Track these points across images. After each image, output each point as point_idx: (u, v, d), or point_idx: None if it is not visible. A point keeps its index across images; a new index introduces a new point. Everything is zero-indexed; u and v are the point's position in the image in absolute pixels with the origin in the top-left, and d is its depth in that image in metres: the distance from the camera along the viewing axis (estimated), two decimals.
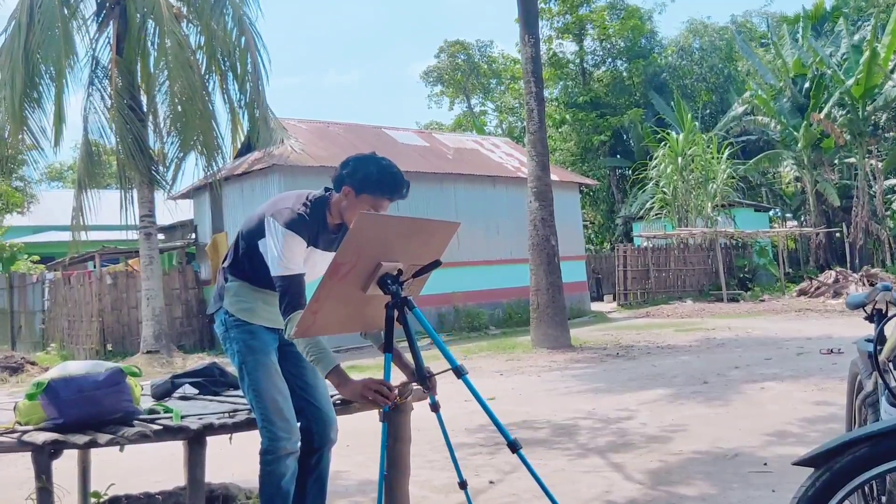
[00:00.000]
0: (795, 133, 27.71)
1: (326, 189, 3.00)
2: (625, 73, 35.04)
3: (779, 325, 14.00)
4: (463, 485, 2.96)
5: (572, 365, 10.31)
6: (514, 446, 2.60)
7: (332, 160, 16.21)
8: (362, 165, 2.89)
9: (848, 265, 25.87)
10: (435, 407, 2.81)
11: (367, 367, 11.69)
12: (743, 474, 4.31)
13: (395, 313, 2.65)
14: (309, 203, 2.95)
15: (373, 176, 2.86)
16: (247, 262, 3.02)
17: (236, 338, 2.99)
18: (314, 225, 2.91)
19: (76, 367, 2.94)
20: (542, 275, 12.44)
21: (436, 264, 2.83)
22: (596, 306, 22.37)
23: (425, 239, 2.81)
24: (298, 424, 2.99)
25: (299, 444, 2.97)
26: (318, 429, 3.08)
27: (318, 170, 15.68)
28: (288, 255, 2.82)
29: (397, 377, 2.93)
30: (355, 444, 5.79)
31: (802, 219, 32.72)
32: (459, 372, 2.63)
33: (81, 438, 2.77)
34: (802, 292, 20.61)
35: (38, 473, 2.77)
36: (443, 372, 2.79)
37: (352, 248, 2.50)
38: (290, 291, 2.78)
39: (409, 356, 2.89)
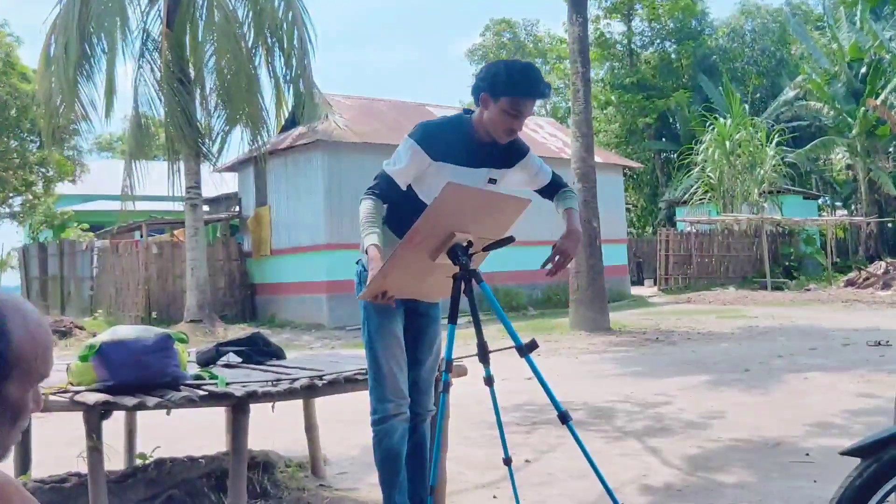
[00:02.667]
0: (850, 119, 26.92)
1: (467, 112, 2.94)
2: (673, 55, 34.35)
3: (824, 315, 13.71)
4: (507, 461, 2.96)
5: (611, 348, 10.25)
6: (564, 417, 2.61)
7: (376, 137, 16.25)
8: (491, 66, 2.80)
9: None
10: (489, 381, 2.80)
11: None
12: (784, 464, 4.25)
13: (462, 285, 2.64)
14: (445, 119, 2.92)
15: (502, 74, 2.74)
16: (390, 207, 2.91)
17: (362, 306, 2.95)
18: (446, 138, 2.83)
19: (126, 331, 3.02)
20: (583, 257, 12.34)
21: (509, 240, 2.84)
22: (636, 290, 22.16)
23: (497, 213, 2.80)
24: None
25: (407, 409, 2.95)
26: (412, 402, 3.02)
27: (362, 146, 15.74)
28: (397, 161, 2.83)
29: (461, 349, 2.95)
30: None
31: (853, 208, 31.86)
32: (523, 351, 2.63)
33: (131, 400, 2.84)
34: (850, 283, 20.13)
35: (88, 433, 2.86)
36: (505, 349, 2.80)
37: (434, 216, 2.50)
38: (379, 182, 2.81)
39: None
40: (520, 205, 2.85)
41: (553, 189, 3.12)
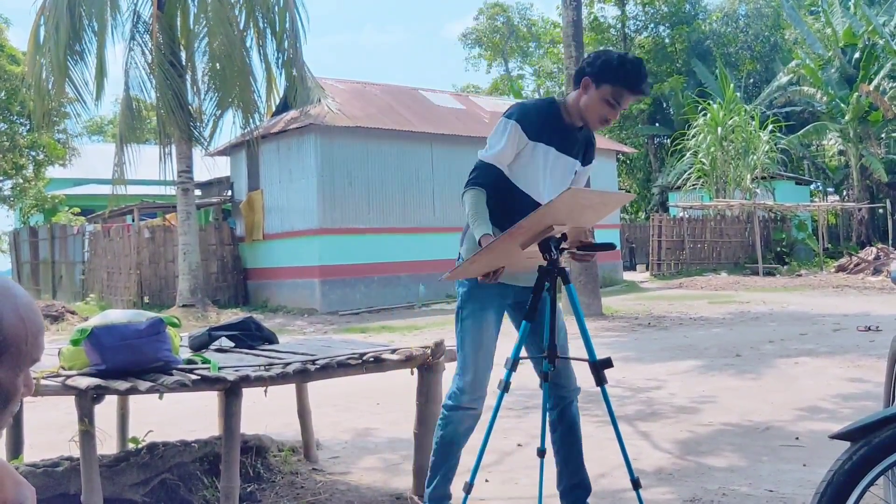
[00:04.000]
0: (842, 105, 26.94)
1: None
2: (667, 40, 34.25)
3: (815, 300, 13.78)
4: (541, 453, 2.98)
5: (603, 333, 10.29)
6: (636, 485, 2.76)
7: (368, 121, 16.19)
8: (603, 54, 2.82)
9: (890, 242, 25.29)
10: (546, 377, 2.79)
11: (396, 327, 11.80)
12: (773, 447, 4.29)
13: (547, 282, 2.62)
14: (539, 100, 2.95)
15: (613, 62, 2.75)
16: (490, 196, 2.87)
17: (464, 282, 2.93)
18: (542, 118, 2.83)
19: (118, 315, 3.01)
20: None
21: (610, 246, 2.85)
22: (628, 276, 22.22)
23: (600, 206, 2.79)
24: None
25: (481, 405, 2.93)
26: (554, 384, 2.98)
27: (355, 130, 15.68)
28: (495, 142, 2.82)
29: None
30: (387, 401, 5.88)
31: (845, 193, 31.96)
32: (597, 367, 2.68)
33: (123, 385, 2.84)
34: (841, 268, 20.23)
35: (80, 417, 2.86)
36: (578, 359, 2.81)
37: (545, 215, 2.48)
38: (478, 171, 2.81)
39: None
40: (623, 198, 3.06)
41: None
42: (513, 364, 2.72)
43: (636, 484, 2.82)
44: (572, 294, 2.68)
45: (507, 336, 2.96)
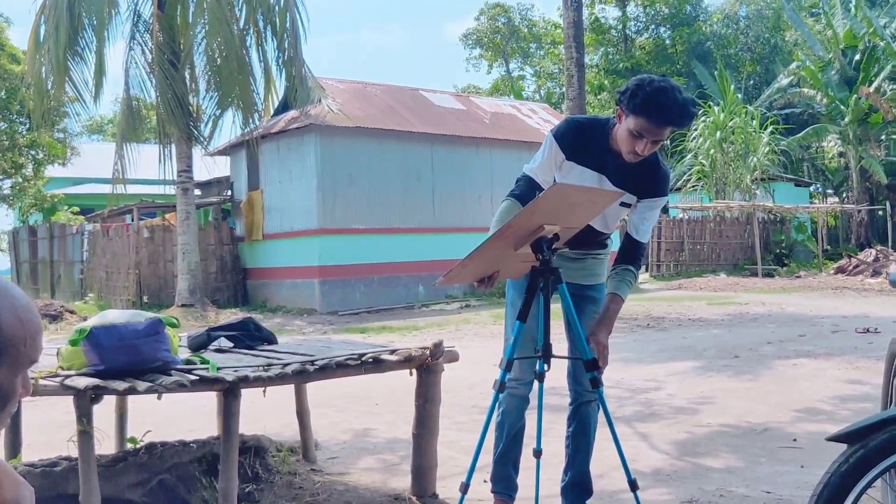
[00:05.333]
0: (842, 107, 26.94)
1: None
2: (668, 41, 34.28)
3: (814, 302, 13.79)
4: (537, 454, 3.02)
5: None
6: (633, 486, 2.78)
7: (369, 121, 16.18)
8: (634, 80, 2.64)
9: (890, 244, 25.28)
10: (541, 377, 2.77)
11: (395, 328, 11.80)
12: (771, 449, 4.29)
13: (540, 282, 2.60)
14: (592, 120, 2.90)
15: (636, 91, 2.57)
16: None
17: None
18: (582, 138, 2.78)
19: (116, 315, 3.01)
20: None
21: (603, 246, 2.92)
22: None
23: (590, 205, 2.73)
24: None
25: (524, 388, 2.97)
26: (573, 384, 3.05)
27: (356, 130, 15.68)
28: (538, 156, 2.84)
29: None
30: (386, 402, 5.88)
31: (844, 195, 31.96)
32: (592, 365, 2.68)
33: (121, 385, 2.84)
34: (840, 270, 20.23)
35: (79, 417, 2.86)
36: (571, 358, 2.85)
37: (532, 214, 2.46)
38: (518, 185, 2.82)
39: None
40: (613, 196, 2.75)
41: (624, 252, 2.96)
42: (507, 364, 2.69)
43: (633, 485, 2.81)
44: (565, 294, 2.66)
45: (499, 337, 2.97)
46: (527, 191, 2.78)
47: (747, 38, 34.35)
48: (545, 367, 2.71)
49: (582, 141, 2.76)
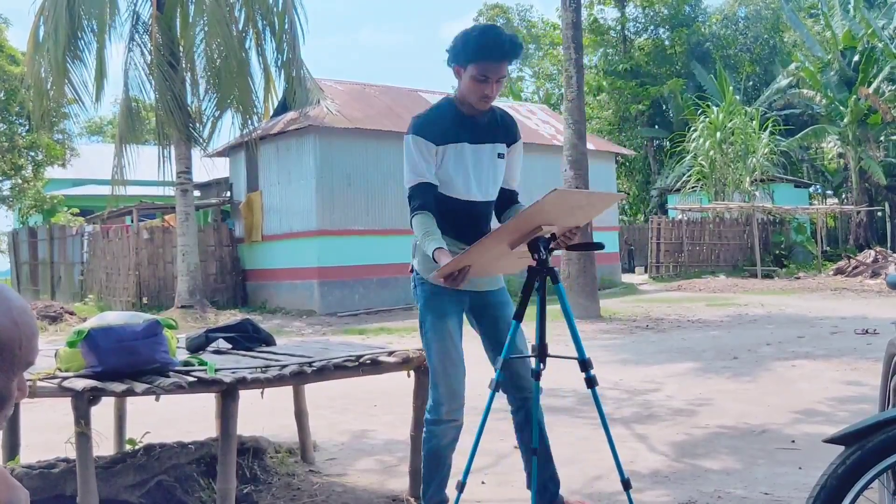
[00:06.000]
0: (841, 108, 26.97)
1: None
2: (667, 42, 34.28)
3: (813, 303, 13.80)
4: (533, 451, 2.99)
5: (600, 335, 10.29)
6: (626, 485, 2.82)
7: (368, 122, 16.18)
8: (461, 36, 2.76)
9: (889, 245, 25.31)
10: (537, 375, 2.80)
11: (394, 329, 11.80)
12: (769, 451, 4.29)
13: (536, 282, 2.62)
14: (432, 107, 2.93)
15: (460, 42, 2.73)
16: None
17: (421, 295, 2.96)
18: (438, 122, 2.83)
19: (115, 317, 3.01)
20: None
21: (599, 246, 2.88)
22: (627, 278, 22.23)
23: (588, 207, 2.79)
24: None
25: (461, 415, 2.92)
26: (512, 389, 3.01)
27: (355, 132, 15.68)
28: (411, 163, 2.82)
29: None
30: (384, 403, 5.88)
31: (843, 196, 32.00)
32: (585, 366, 2.68)
33: (119, 386, 2.84)
34: (839, 271, 20.24)
35: (77, 419, 2.86)
36: (566, 357, 2.79)
37: (531, 216, 2.49)
38: (414, 198, 2.81)
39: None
40: (611, 198, 3.01)
41: (508, 201, 3.07)
42: (503, 364, 2.72)
43: (626, 484, 2.84)
44: (561, 293, 2.69)
45: (473, 338, 2.97)
46: (425, 199, 2.80)
47: (746, 38, 34.37)
48: (541, 365, 2.75)
49: (439, 124, 2.82)
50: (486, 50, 2.69)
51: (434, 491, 2.98)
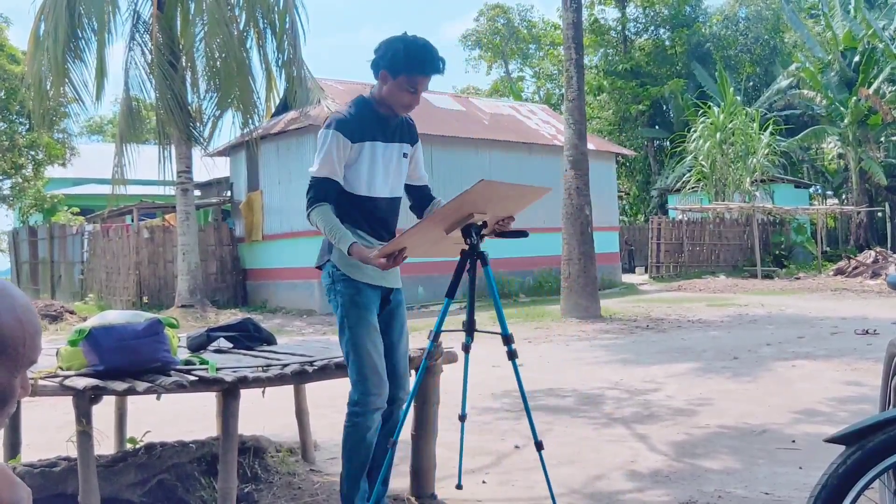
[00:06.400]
0: (842, 108, 26.97)
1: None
2: (667, 42, 34.28)
3: (813, 303, 13.80)
4: (539, 446, 3.08)
5: (601, 335, 10.30)
6: (538, 446, 2.98)
7: None
8: (390, 45, 2.91)
9: (889, 245, 25.30)
10: (466, 347, 3.10)
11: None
12: (770, 450, 4.30)
13: (467, 263, 2.83)
14: (350, 105, 3.03)
15: (400, 53, 2.87)
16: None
17: (342, 291, 3.01)
18: (358, 120, 2.95)
19: (116, 316, 3.02)
20: (575, 244, 12.36)
21: (523, 234, 2.99)
22: (627, 278, 22.23)
23: (518, 199, 2.99)
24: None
25: (386, 400, 3.02)
26: (391, 387, 3.07)
27: None
28: (324, 155, 2.92)
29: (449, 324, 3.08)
30: None
31: (844, 197, 32.00)
32: (507, 340, 2.87)
33: (120, 385, 2.85)
34: (839, 271, 20.24)
35: (78, 417, 2.86)
36: (491, 332, 2.99)
37: (458, 204, 2.67)
38: (315, 188, 2.91)
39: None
40: (540, 192, 3.03)
41: (426, 196, 3.25)
42: (435, 336, 2.93)
43: (539, 446, 3.03)
44: (489, 276, 2.86)
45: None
46: (332, 193, 2.92)
47: (747, 39, 34.36)
48: (469, 339, 3.07)
49: (357, 122, 2.95)
50: (422, 65, 2.87)
51: (361, 482, 3.05)
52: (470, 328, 2.97)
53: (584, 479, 3.89)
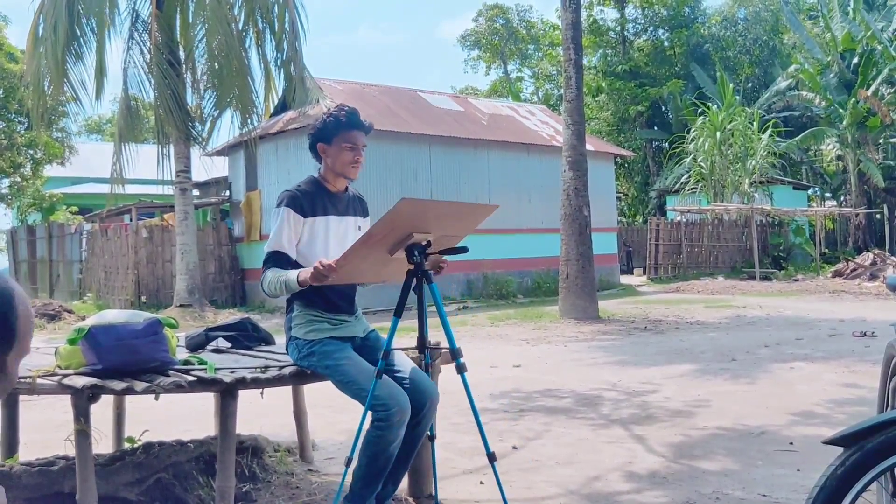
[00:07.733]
0: (841, 110, 27.00)
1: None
2: (666, 43, 34.29)
3: (812, 305, 13.81)
4: (491, 457, 3.04)
5: (599, 336, 10.30)
6: (491, 458, 2.99)
7: None
8: (317, 121, 3.17)
9: (887, 247, 25.33)
10: (427, 367, 3.10)
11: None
12: (767, 452, 4.30)
13: (413, 282, 2.87)
14: (301, 183, 3.20)
15: (329, 120, 3.11)
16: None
17: (313, 358, 3.06)
18: (309, 196, 3.12)
19: (115, 315, 3.02)
20: (573, 245, 12.37)
21: (463, 250, 3.02)
22: (625, 279, 22.24)
23: (464, 217, 3.05)
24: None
25: (409, 408, 2.99)
26: (418, 398, 3.07)
27: None
28: (278, 231, 3.05)
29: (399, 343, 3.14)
30: None
31: (842, 199, 32.03)
32: (455, 355, 2.90)
33: (119, 385, 2.85)
34: (838, 273, 20.26)
35: (76, 416, 2.86)
36: (440, 348, 3.09)
37: (387, 224, 2.70)
38: (271, 261, 3.02)
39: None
40: (486, 210, 3.09)
41: None
42: (384, 353, 2.94)
43: (491, 457, 3.02)
44: (435, 292, 2.91)
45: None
46: (283, 264, 3.03)
47: (746, 40, 34.37)
48: (423, 355, 3.12)
49: (309, 198, 3.11)
50: (350, 122, 3.10)
51: (373, 486, 3.08)
52: (421, 345, 3.04)
53: (581, 479, 3.89)
